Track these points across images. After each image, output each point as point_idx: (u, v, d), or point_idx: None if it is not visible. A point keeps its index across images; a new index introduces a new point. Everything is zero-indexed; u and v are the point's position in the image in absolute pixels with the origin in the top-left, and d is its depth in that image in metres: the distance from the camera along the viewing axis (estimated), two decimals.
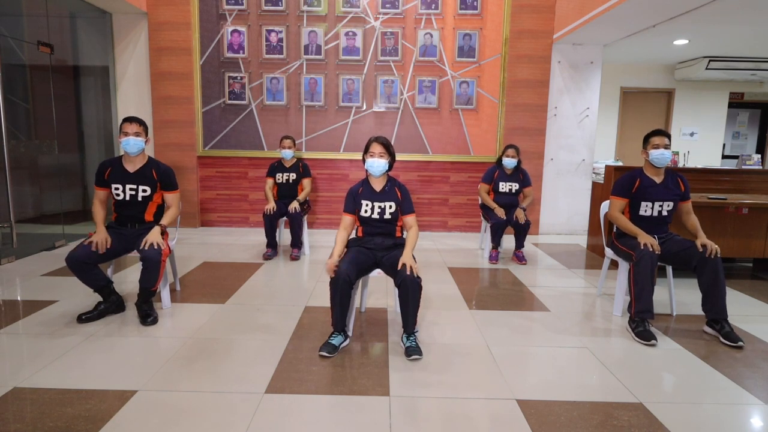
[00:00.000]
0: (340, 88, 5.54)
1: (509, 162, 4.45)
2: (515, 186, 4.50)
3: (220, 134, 5.63)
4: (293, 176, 4.58)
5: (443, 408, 2.02)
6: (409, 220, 2.72)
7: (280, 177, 4.57)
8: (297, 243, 4.46)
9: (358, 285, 2.81)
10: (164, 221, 2.96)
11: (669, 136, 2.96)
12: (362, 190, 2.74)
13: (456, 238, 5.54)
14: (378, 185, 2.73)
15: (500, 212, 4.37)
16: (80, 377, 2.20)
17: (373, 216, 2.69)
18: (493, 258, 4.51)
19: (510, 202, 4.51)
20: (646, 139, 3.00)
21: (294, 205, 4.36)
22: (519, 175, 4.54)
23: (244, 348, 2.54)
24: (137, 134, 2.85)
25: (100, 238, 2.74)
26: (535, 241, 5.45)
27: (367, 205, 2.70)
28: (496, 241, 4.49)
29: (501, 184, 4.52)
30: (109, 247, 2.78)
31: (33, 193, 4.94)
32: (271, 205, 4.35)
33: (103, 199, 2.96)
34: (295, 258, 4.39)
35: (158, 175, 2.97)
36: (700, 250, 2.81)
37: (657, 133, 2.96)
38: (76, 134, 5.55)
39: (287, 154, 4.56)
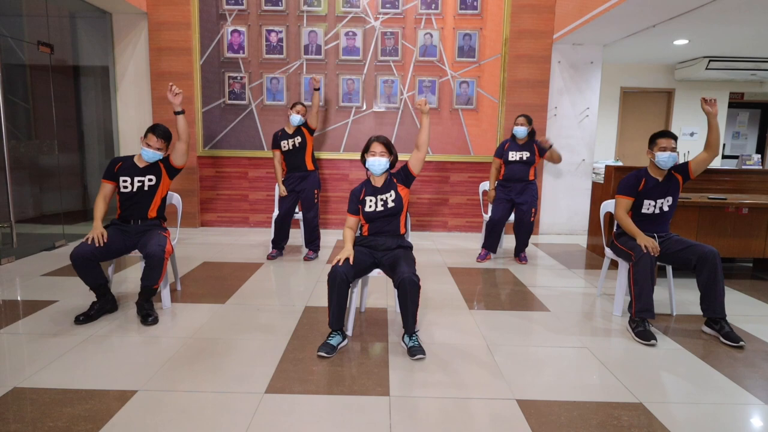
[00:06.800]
0: (340, 88, 5.54)
1: (520, 131, 4.20)
2: (526, 154, 4.23)
3: (220, 134, 5.63)
4: (298, 139, 4.31)
5: (443, 408, 2.02)
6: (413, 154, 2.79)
7: (286, 144, 4.30)
8: (313, 244, 4.41)
9: (358, 285, 2.82)
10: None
11: (676, 138, 2.97)
12: (365, 189, 2.77)
13: (456, 238, 5.54)
14: (379, 182, 2.77)
15: (491, 196, 4.31)
16: (80, 377, 2.20)
17: (377, 209, 2.72)
18: (481, 257, 4.48)
19: (520, 175, 4.27)
20: (653, 140, 2.99)
21: (317, 86, 4.53)
22: (533, 145, 4.28)
23: (244, 348, 2.54)
24: (159, 149, 2.98)
25: (97, 233, 2.77)
26: (535, 241, 5.45)
27: (371, 200, 2.73)
28: (490, 243, 4.44)
29: (511, 153, 4.26)
30: (106, 241, 2.79)
31: (33, 193, 4.93)
32: (282, 191, 4.29)
33: (107, 194, 2.98)
34: (308, 259, 4.35)
35: (162, 162, 3.09)
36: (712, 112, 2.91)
37: (665, 134, 2.96)
38: (76, 134, 5.54)
39: (296, 119, 4.26)
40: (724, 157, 8.13)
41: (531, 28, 5.44)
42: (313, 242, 4.43)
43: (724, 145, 8.08)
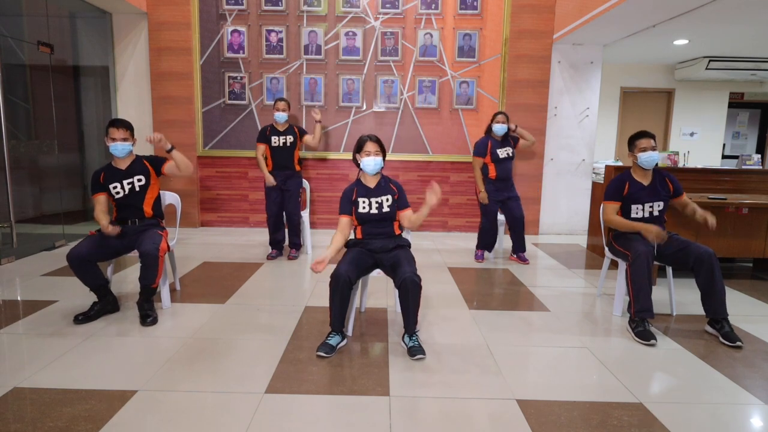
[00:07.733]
0: (340, 88, 5.54)
1: (499, 128, 4.27)
2: (510, 150, 4.34)
3: (220, 134, 5.63)
4: (290, 139, 4.32)
5: (443, 408, 2.02)
6: (408, 213, 2.75)
7: (276, 140, 4.30)
8: (295, 243, 4.45)
9: (358, 285, 2.81)
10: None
11: (654, 137, 2.97)
12: (357, 189, 2.74)
13: (456, 238, 5.54)
14: (372, 182, 2.75)
15: (483, 197, 4.33)
16: (80, 377, 2.20)
17: (371, 212, 2.69)
18: (479, 257, 4.50)
19: (509, 172, 4.36)
20: (632, 142, 3.01)
21: (318, 118, 4.62)
22: (509, 140, 4.40)
23: (244, 348, 2.54)
24: (125, 139, 2.93)
25: (109, 228, 2.79)
26: (535, 241, 5.45)
27: (364, 202, 2.70)
28: (487, 243, 4.47)
29: (498, 151, 4.29)
30: (106, 241, 2.80)
31: (33, 193, 4.94)
32: (270, 180, 4.28)
33: (103, 205, 2.97)
34: (292, 258, 4.39)
35: (149, 161, 3.06)
36: (701, 221, 2.93)
37: (643, 135, 2.97)
38: (76, 134, 5.55)
39: (281, 117, 4.29)
40: (724, 157, 8.12)
41: (531, 28, 5.44)
42: (296, 241, 4.46)
43: (724, 145, 8.07)
